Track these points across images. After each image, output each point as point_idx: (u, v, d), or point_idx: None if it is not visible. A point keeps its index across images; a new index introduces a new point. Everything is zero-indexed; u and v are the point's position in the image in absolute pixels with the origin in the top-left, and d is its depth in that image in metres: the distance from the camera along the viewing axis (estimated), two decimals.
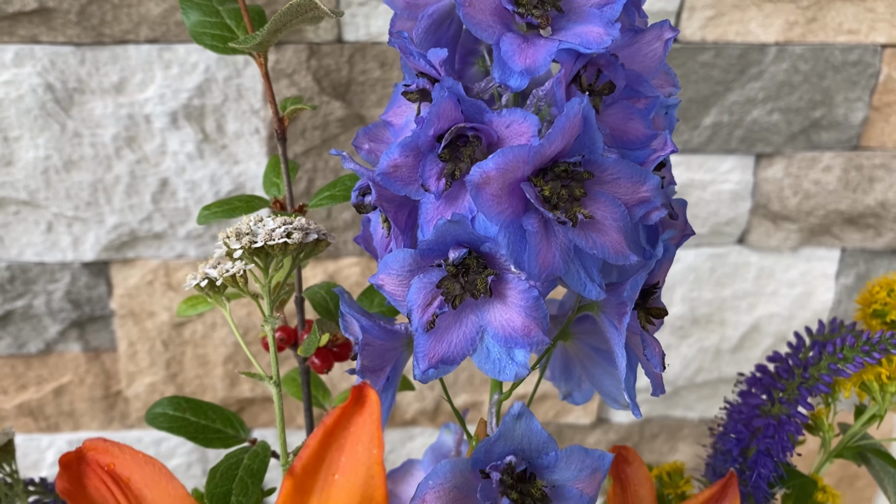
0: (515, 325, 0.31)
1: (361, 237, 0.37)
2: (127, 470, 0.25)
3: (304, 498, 0.24)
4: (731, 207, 0.80)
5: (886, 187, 0.80)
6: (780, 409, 0.41)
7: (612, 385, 0.39)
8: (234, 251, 0.34)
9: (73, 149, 0.67)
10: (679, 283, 0.82)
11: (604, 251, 0.30)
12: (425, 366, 0.31)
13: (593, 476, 0.32)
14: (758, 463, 0.41)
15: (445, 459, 0.31)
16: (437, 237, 0.30)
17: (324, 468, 0.24)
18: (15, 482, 0.44)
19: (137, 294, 0.74)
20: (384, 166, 0.31)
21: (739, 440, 0.41)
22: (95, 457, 0.25)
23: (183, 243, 0.72)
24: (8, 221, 0.70)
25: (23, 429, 0.80)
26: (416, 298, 0.31)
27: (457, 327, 0.32)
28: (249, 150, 0.69)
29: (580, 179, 0.30)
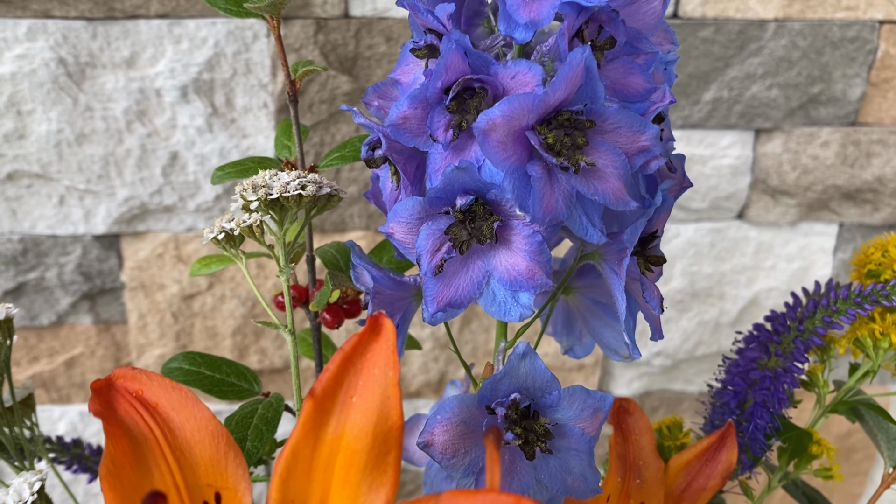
0: (520, 268, 0.32)
1: (371, 193, 0.39)
2: (154, 396, 0.26)
3: (323, 418, 0.26)
4: (731, 182, 0.81)
5: (884, 162, 0.81)
6: (776, 363, 0.42)
7: (612, 337, 0.41)
8: (250, 203, 0.36)
9: (85, 122, 0.68)
10: (679, 257, 0.83)
11: (605, 197, 0.31)
12: (434, 308, 0.33)
13: (595, 416, 0.34)
14: (754, 414, 0.42)
15: (453, 396, 0.32)
16: (445, 184, 0.31)
17: (342, 391, 0.26)
18: (36, 437, 0.45)
19: (148, 267, 0.76)
20: (394, 118, 0.33)
21: (737, 393, 0.43)
22: (124, 384, 0.27)
23: (193, 216, 0.73)
24: (21, 195, 0.71)
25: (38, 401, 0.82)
26: (424, 244, 0.33)
27: (464, 272, 0.33)
28: (258, 124, 0.70)
29: (582, 128, 0.31)
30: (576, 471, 0.33)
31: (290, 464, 0.26)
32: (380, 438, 0.25)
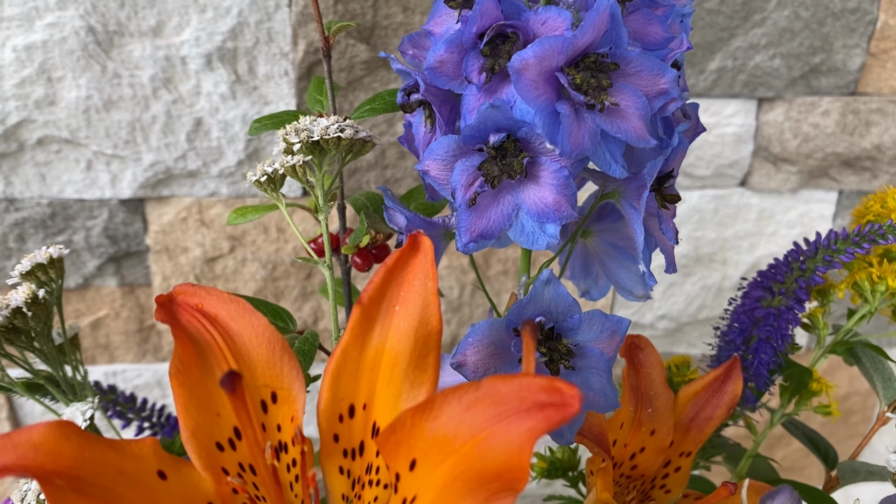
0: (547, 201, 0.35)
1: (404, 138, 0.41)
2: (213, 308, 0.29)
3: (370, 324, 0.28)
4: (734, 150, 0.84)
5: (882, 131, 0.84)
6: (779, 301, 0.45)
7: (627, 278, 0.44)
8: (293, 145, 0.38)
9: (113, 89, 0.71)
10: (683, 223, 0.86)
11: (627, 135, 0.34)
12: (467, 239, 0.35)
13: (612, 338, 0.36)
14: (759, 350, 0.45)
15: (483, 320, 0.35)
16: (479, 122, 0.34)
17: (386, 300, 0.28)
18: (83, 377, 0.48)
19: (171, 230, 0.78)
20: (432, 61, 0.35)
21: (742, 330, 0.46)
22: (185, 299, 0.29)
23: (216, 181, 0.76)
24: (50, 160, 0.74)
25: None
26: (459, 179, 0.35)
27: (495, 205, 0.36)
28: (279, 92, 0.73)
29: (607, 70, 0.34)
30: (596, 387, 0.36)
31: (340, 364, 0.28)
32: (421, 341, 0.28)
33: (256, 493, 0.27)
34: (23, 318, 0.41)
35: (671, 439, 0.44)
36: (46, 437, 0.24)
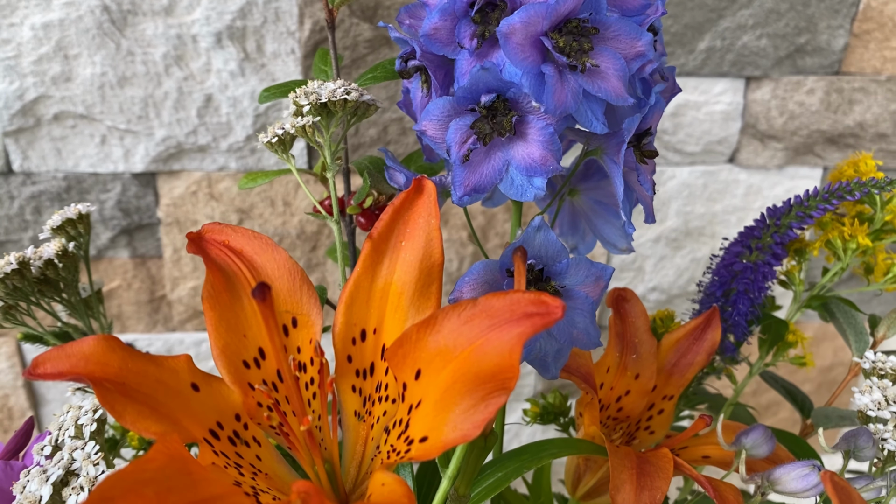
0: (535, 156, 0.38)
1: (402, 103, 0.45)
2: (239, 244, 0.33)
3: (379, 257, 0.32)
4: (723, 127, 0.87)
5: (864, 109, 0.87)
6: (756, 256, 0.48)
7: (611, 233, 0.47)
8: (302, 107, 0.42)
9: (127, 66, 0.74)
10: (674, 198, 0.89)
11: (606, 94, 0.37)
12: (462, 192, 0.39)
13: (597, 282, 0.40)
14: (737, 301, 0.48)
15: (479, 261, 0.38)
16: (471, 83, 0.37)
17: (393, 236, 0.32)
18: (108, 327, 0.51)
19: (182, 203, 0.82)
20: (427, 29, 0.39)
21: (722, 283, 0.49)
22: (212, 236, 0.33)
23: (224, 156, 0.79)
24: (65, 135, 0.77)
25: None
26: (453, 137, 0.38)
27: (487, 161, 0.39)
28: (286, 69, 0.76)
29: (588, 35, 0.37)
30: (580, 326, 0.39)
31: (353, 293, 0.32)
32: (424, 272, 0.31)
33: (278, 406, 0.31)
34: (54, 270, 0.45)
35: (654, 383, 0.48)
36: (95, 349, 0.28)
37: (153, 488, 0.23)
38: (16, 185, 0.79)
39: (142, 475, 0.23)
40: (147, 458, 0.23)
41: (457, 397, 0.26)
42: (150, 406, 0.27)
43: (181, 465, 0.24)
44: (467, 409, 0.26)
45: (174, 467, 0.24)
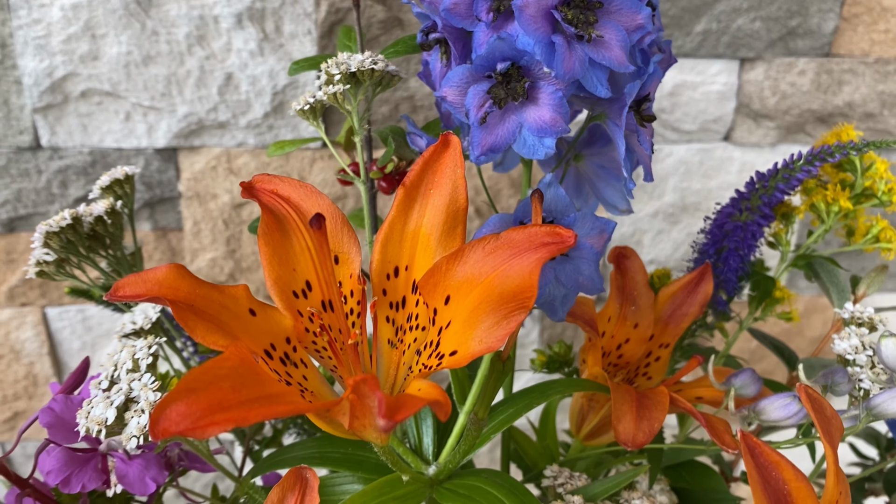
0: (545, 118, 0.42)
1: (423, 74, 0.49)
2: (286, 192, 0.37)
3: (411, 203, 0.36)
4: (718, 107, 0.91)
5: (853, 90, 0.91)
6: (746, 216, 0.52)
7: (613, 195, 0.51)
8: (333, 76, 0.46)
9: (151, 45, 0.78)
10: (671, 174, 0.93)
11: (610, 62, 0.41)
12: (479, 152, 0.43)
13: (600, 235, 0.44)
14: (728, 258, 0.53)
15: (495, 214, 0.43)
16: (488, 52, 0.41)
17: (423, 184, 0.36)
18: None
19: (202, 178, 0.86)
20: (447, 4, 0.43)
21: (714, 241, 0.53)
22: (262, 186, 0.37)
23: (243, 132, 0.83)
24: (91, 111, 0.81)
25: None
26: (472, 101, 0.43)
27: (502, 124, 0.43)
28: (303, 49, 0.80)
29: (593, 8, 0.41)
30: (585, 273, 0.44)
31: (388, 235, 0.36)
32: (451, 216, 0.36)
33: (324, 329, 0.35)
34: (103, 226, 0.49)
35: (652, 332, 0.52)
36: (167, 275, 0.32)
37: (229, 383, 0.27)
38: (43, 160, 0.83)
39: (219, 371, 0.27)
40: (222, 357, 0.28)
41: (482, 316, 0.31)
42: (216, 324, 0.32)
43: (250, 367, 0.28)
44: (492, 325, 0.30)
45: (245, 367, 0.28)
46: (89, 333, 0.94)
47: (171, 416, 0.26)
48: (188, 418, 0.26)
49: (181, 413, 0.26)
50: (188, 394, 0.26)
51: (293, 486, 0.36)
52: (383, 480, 0.42)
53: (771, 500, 0.29)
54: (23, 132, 0.81)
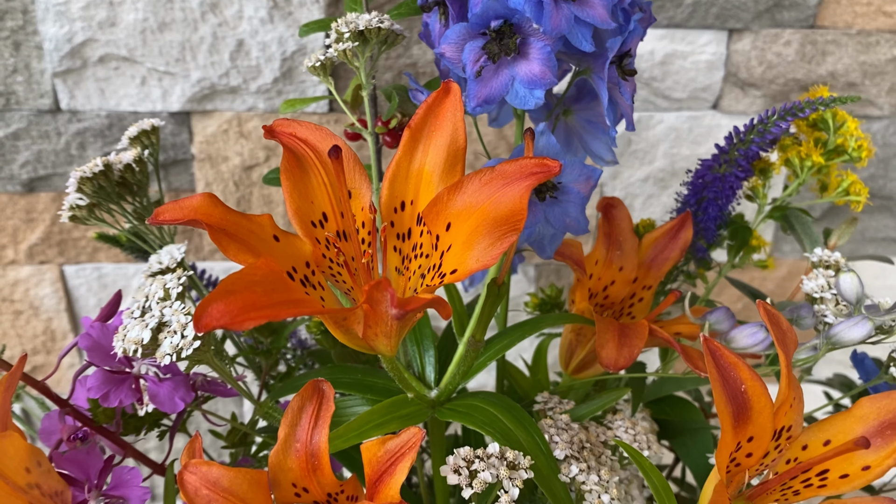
0: (535, 72, 0.46)
1: (423, 34, 0.53)
2: (303, 134, 0.41)
3: (415, 143, 0.40)
4: (707, 76, 0.95)
5: (836, 60, 0.95)
6: (725, 169, 0.57)
7: (599, 147, 0.55)
8: (343, 34, 0.50)
9: (167, 12, 0.82)
10: (662, 140, 0.97)
11: (594, 19, 0.46)
12: (475, 103, 0.47)
13: (587, 181, 0.48)
14: (707, 208, 0.57)
15: (494, 158, 0.47)
16: (483, 11, 0.45)
17: (426, 127, 0.40)
18: (171, 234, 0.60)
19: (214, 141, 0.90)
20: None
21: (695, 191, 0.57)
22: (282, 129, 0.41)
23: (254, 97, 0.87)
24: (109, 76, 0.85)
25: (112, 259, 0.97)
26: (468, 57, 0.47)
27: (495, 77, 0.47)
28: (310, 17, 0.84)
29: None
30: (572, 215, 0.48)
31: (395, 172, 0.40)
32: (451, 155, 0.40)
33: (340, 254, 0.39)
34: (131, 173, 0.53)
35: (635, 275, 0.56)
36: (201, 202, 0.36)
37: (261, 287, 0.32)
38: (63, 122, 0.87)
39: (253, 277, 0.32)
40: (254, 266, 0.32)
41: (479, 238, 0.35)
42: (245, 246, 0.36)
43: (278, 276, 0.33)
44: (487, 246, 0.35)
45: (273, 276, 0.32)
46: (104, 290, 0.98)
47: (213, 312, 0.30)
48: (227, 314, 0.30)
49: (221, 310, 0.30)
50: (227, 295, 0.31)
51: (311, 396, 0.40)
52: (390, 401, 0.47)
53: (729, 396, 0.34)
54: (43, 95, 0.85)
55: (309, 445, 0.40)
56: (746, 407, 0.34)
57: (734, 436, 0.34)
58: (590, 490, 0.43)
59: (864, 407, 0.36)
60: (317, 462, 0.40)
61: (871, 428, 0.36)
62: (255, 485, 0.38)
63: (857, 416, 0.36)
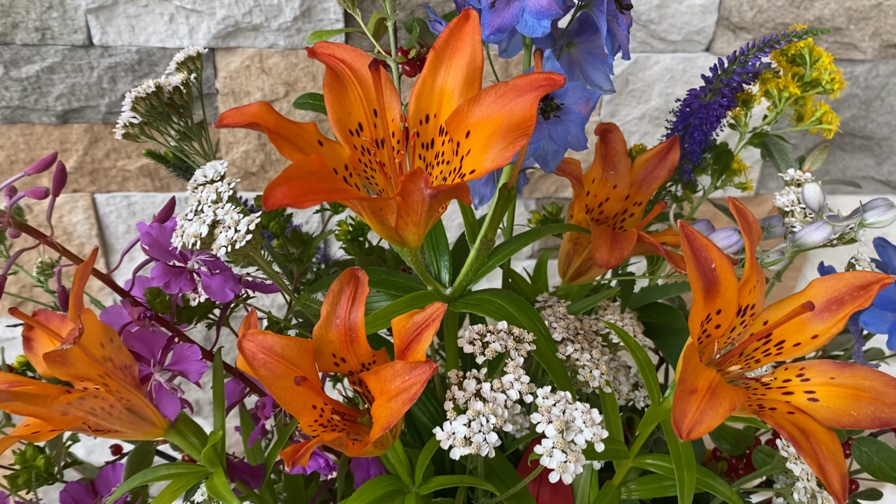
0: (543, 4, 0.52)
1: None
2: (341, 55, 0.47)
3: (439, 63, 0.46)
4: (701, 19, 1.00)
5: (823, 5, 1.01)
6: (710, 97, 0.63)
7: (598, 76, 0.61)
8: None
9: None
10: (657, 81, 1.03)
11: None
12: (488, 31, 0.53)
13: (587, 103, 0.55)
14: (693, 133, 0.64)
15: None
16: None
17: (448, 48, 0.46)
18: (212, 150, 0.66)
19: (237, 76, 0.96)
20: None
21: (682, 118, 0.64)
22: (322, 50, 0.47)
23: (274, 35, 0.93)
24: (139, 13, 0.91)
25: (141, 188, 1.03)
26: None
27: (507, 9, 0.53)
28: None
29: None
30: (573, 132, 0.54)
31: (420, 89, 0.47)
32: (470, 73, 0.46)
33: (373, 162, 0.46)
34: (179, 95, 0.59)
35: (628, 193, 0.63)
36: (259, 109, 0.42)
37: (316, 176, 0.38)
38: (95, 57, 0.93)
39: (309, 168, 0.38)
40: (308, 159, 0.39)
41: (494, 142, 0.42)
42: (296, 147, 0.43)
43: (328, 169, 0.39)
44: (502, 148, 0.41)
45: (325, 169, 0.39)
46: (133, 217, 1.05)
47: (278, 194, 0.37)
48: (290, 196, 0.37)
49: (285, 192, 0.37)
50: (288, 180, 0.37)
51: (349, 281, 0.47)
52: (411, 295, 0.54)
53: (700, 272, 0.41)
54: (77, 31, 0.91)
55: (347, 321, 0.47)
56: (715, 282, 0.41)
57: (705, 307, 0.41)
58: (583, 366, 0.50)
59: (815, 287, 0.43)
60: (354, 335, 0.47)
61: (820, 304, 0.43)
62: (302, 351, 0.46)
63: (809, 294, 0.43)
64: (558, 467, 0.40)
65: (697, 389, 0.37)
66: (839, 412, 0.41)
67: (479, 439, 0.42)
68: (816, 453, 0.37)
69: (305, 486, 0.61)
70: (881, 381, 0.41)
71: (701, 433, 0.35)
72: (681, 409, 0.36)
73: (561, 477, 0.40)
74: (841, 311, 0.43)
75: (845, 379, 0.42)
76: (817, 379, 0.42)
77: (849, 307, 0.42)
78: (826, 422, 0.40)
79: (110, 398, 0.49)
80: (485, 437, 0.42)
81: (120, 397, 0.50)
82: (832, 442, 0.38)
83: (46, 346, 0.54)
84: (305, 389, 0.45)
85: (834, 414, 0.41)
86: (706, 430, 0.35)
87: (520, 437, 0.52)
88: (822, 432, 0.38)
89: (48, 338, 0.54)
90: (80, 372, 0.49)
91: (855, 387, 0.41)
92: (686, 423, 0.35)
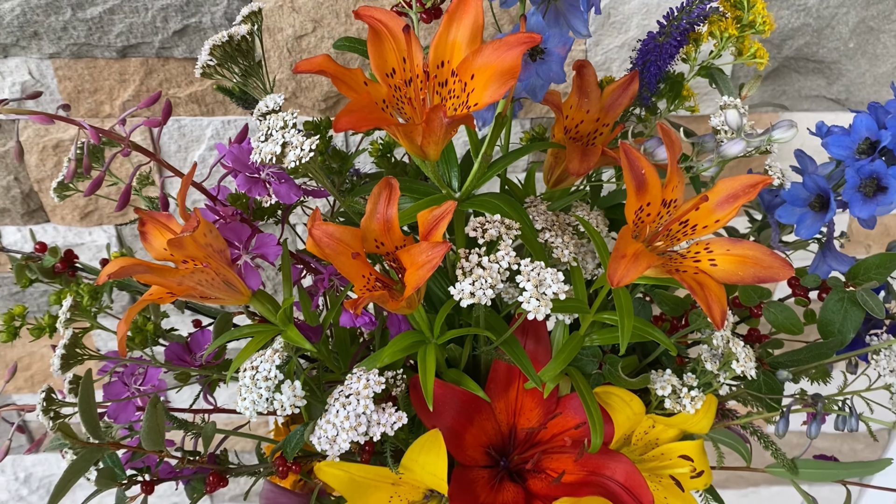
0: None
1: None
2: (379, 15, 0.63)
3: (451, 22, 0.63)
4: None
5: None
6: (663, 39, 0.79)
7: (578, 24, 0.77)
8: None
9: None
10: (635, 13, 1.18)
11: None
12: None
13: (564, 46, 0.71)
14: (650, 67, 0.80)
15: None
16: None
17: (457, 11, 0.62)
18: (272, 85, 0.83)
19: (271, 14, 1.11)
20: None
21: (642, 55, 0.80)
22: (363, 11, 0.63)
23: None
24: None
25: (189, 113, 1.20)
26: None
27: None
28: None
29: None
30: (555, 70, 0.71)
31: (437, 42, 0.63)
32: (474, 30, 0.63)
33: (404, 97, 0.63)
34: (245, 42, 0.76)
35: (598, 116, 0.80)
36: (321, 59, 0.59)
37: (368, 109, 0.55)
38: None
39: (362, 103, 0.56)
40: (362, 96, 0.56)
41: (491, 83, 0.59)
42: (350, 87, 0.60)
43: (375, 104, 0.56)
44: (497, 88, 0.58)
45: (373, 104, 0.56)
46: (183, 139, 1.22)
47: (344, 121, 0.54)
48: (352, 122, 0.54)
49: (348, 119, 0.54)
50: (350, 112, 0.55)
51: (385, 185, 0.65)
52: (429, 197, 0.72)
53: (633, 175, 0.58)
54: None
55: (385, 215, 0.65)
56: (644, 182, 0.59)
57: (637, 200, 0.59)
58: (557, 247, 0.68)
59: (719, 185, 0.61)
60: (390, 225, 0.65)
61: (721, 198, 0.61)
62: (355, 237, 0.64)
63: (715, 191, 0.61)
64: (534, 310, 0.59)
65: (626, 255, 0.55)
66: (730, 273, 0.59)
67: (480, 294, 0.60)
68: (707, 297, 0.56)
69: (350, 342, 0.80)
70: (762, 251, 0.59)
71: (627, 282, 0.54)
72: (613, 267, 0.54)
73: (535, 316, 0.59)
74: (737, 202, 0.60)
75: (737, 250, 0.60)
76: (718, 250, 0.60)
77: (742, 199, 0.60)
78: (722, 279, 0.59)
79: (211, 273, 0.68)
80: (484, 292, 0.60)
81: (218, 272, 0.68)
82: (719, 290, 0.56)
83: (157, 237, 0.72)
84: (358, 262, 0.63)
85: (727, 274, 0.59)
86: (630, 279, 0.53)
87: (511, 303, 0.70)
88: (713, 284, 0.57)
89: (158, 231, 0.72)
90: (190, 253, 0.67)
91: (743, 255, 0.59)
92: (617, 276, 0.54)
